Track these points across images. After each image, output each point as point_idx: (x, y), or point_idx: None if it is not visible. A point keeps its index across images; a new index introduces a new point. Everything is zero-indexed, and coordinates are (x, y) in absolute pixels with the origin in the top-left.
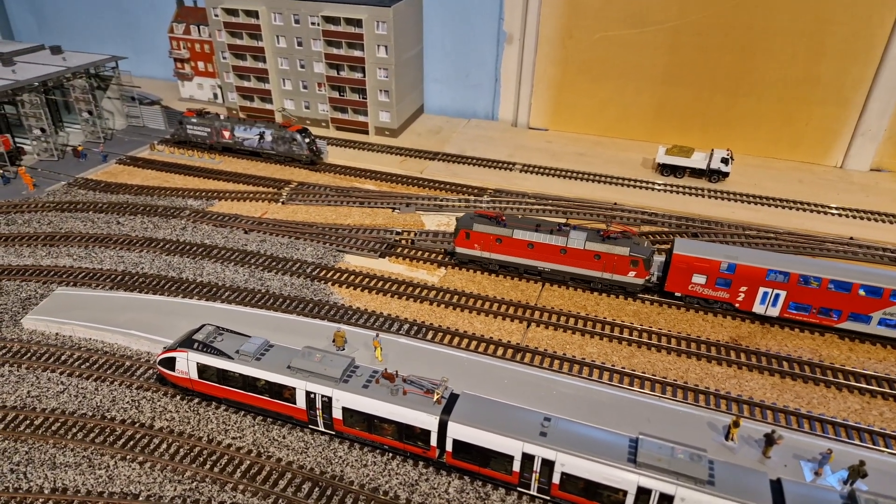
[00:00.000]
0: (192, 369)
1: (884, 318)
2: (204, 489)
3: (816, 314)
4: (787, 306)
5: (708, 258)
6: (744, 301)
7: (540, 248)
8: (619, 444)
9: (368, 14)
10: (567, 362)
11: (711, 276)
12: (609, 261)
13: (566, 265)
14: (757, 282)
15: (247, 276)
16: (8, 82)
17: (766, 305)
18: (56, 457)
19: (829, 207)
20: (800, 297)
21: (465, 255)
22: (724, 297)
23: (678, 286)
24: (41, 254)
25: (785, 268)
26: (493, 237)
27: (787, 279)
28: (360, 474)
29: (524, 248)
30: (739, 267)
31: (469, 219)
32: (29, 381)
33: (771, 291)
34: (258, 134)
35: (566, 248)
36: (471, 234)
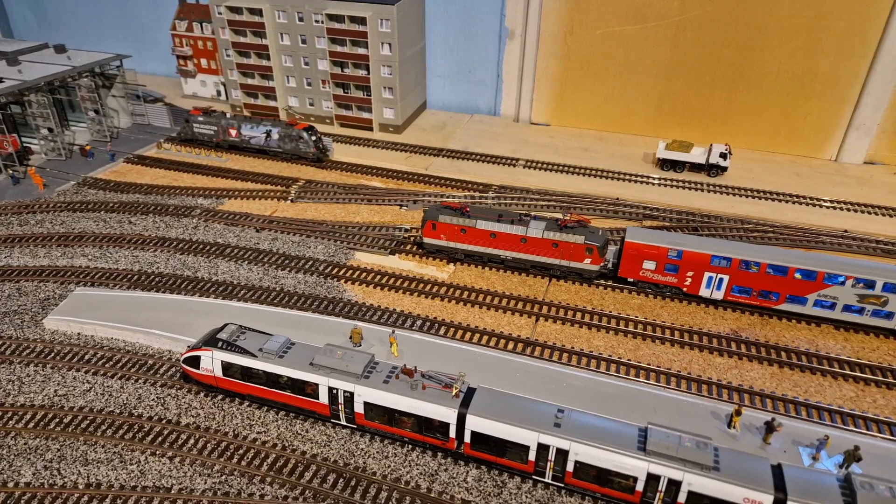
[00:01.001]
0: (217, 367)
1: (818, 300)
2: (233, 482)
3: (757, 297)
4: (731, 289)
5: (657, 245)
6: (691, 285)
7: (502, 238)
8: (629, 434)
9: (372, 12)
10: (575, 355)
11: (660, 262)
12: (566, 249)
13: (526, 253)
14: (702, 267)
15: (261, 274)
16: (15, 82)
17: (712, 289)
18: (87, 453)
19: (825, 200)
20: (742, 280)
21: (432, 245)
22: (673, 281)
23: (630, 272)
24: (56, 254)
25: (727, 253)
26: (458, 227)
27: (729, 264)
28: (381, 465)
29: (487, 237)
30: (686, 253)
31: (435, 210)
32: (55, 380)
33: (715, 276)
34: (265, 132)
35: (526, 238)
36: (437, 225)
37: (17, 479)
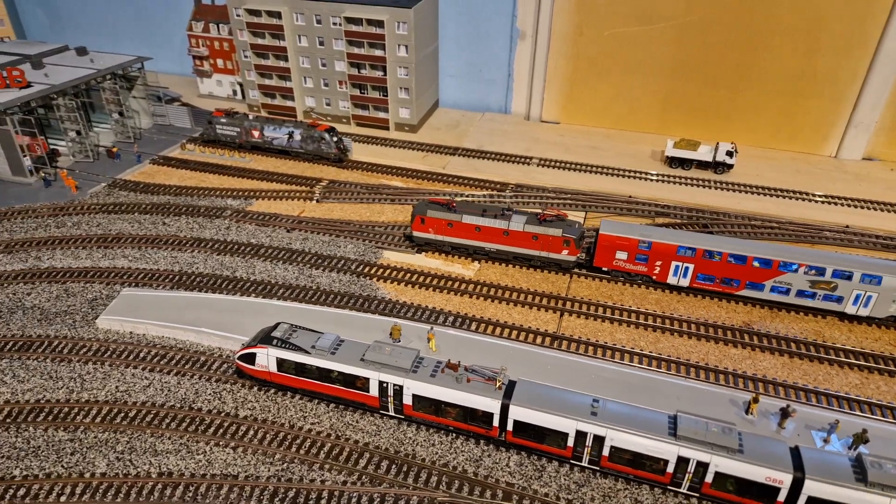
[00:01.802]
0: (272, 363)
1: (775, 286)
2: (294, 469)
3: (720, 283)
4: (696, 277)
5: (628, 237)
6: (660, 273)
7: (486, 231)
8: (660, 421)
9: (390, 15)
10: (600, 348)
11: (631, 252)
12: (545, 241)
13: (509, 245)
14: (669, 256)
15: (296, 273)
16: (45, 87)
17: (679, 277)
18: (156, 445)
19: (827, 196)
20: (705, 269)
21: (421, 239)
22: (643, 270)
23: (604, 262)
24: (97, 255)
25: (692, 244)
26: (445, 222)
27: (694, 254)
28: (429, 452)
29: (472, 231)
30: (654, 244)
31: (424, 205)
32: (114, 377)
33: (682, 265)
34: (287, 133)
35: (508, 231)
36: (425, 220)
37: (92, 469)
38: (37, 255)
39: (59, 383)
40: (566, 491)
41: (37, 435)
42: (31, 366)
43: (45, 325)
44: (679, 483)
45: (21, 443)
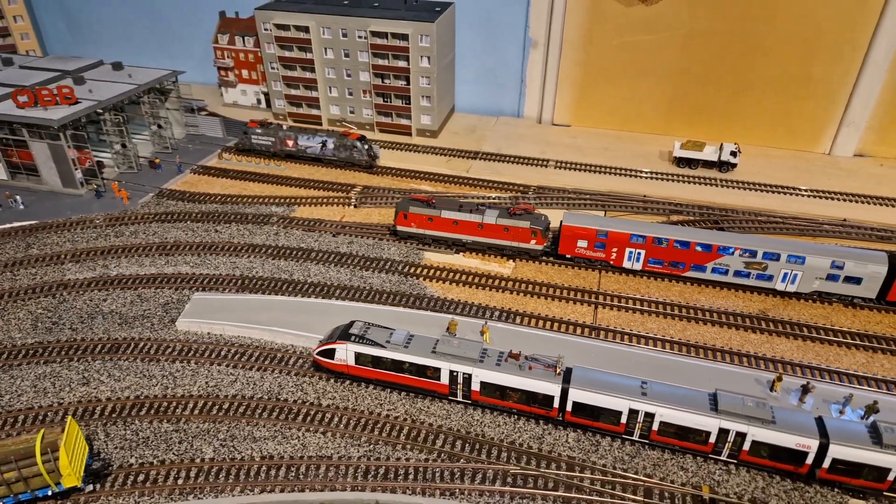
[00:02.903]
0: (350, 357)
1: (715, 267)
2: (380, 450)
3: (668, 266)
4: (647, 261)
5: (587, 227)
6: (616, 259)
7: (462, 225)
8: (701, 398)
9: (414, 28)
10: (635, 337)
11: (591, 241)
12: (515, 232)
13: (483, 237)
14: (624, 244)
15: (349, 275)
16: (93, 103)
17: (632, 262)
18: (253, 432)
19: (823, 192)
20: (655, 254)
21: (405, 233)
22: (602, 256)
23: (567, 250)
24: (161, 262)
25: (643, 232)
26: (425, 217)
27: (644, 241)
28: (497, 432)
29: (450, 224)
30: (610, 233)
31: (406, 202)
32: (202, 374)
33: (635, 251)
34: (321, 142)
35: (482, 224)
36: (408, 216)
37: (201, 455)
38: (104, 263)
39: (153, 381)
40: (620, 462)
41: (143, 427)
42: (124, 366)
43: (126, 328)
44: (720, 451)
45: (130, 434)
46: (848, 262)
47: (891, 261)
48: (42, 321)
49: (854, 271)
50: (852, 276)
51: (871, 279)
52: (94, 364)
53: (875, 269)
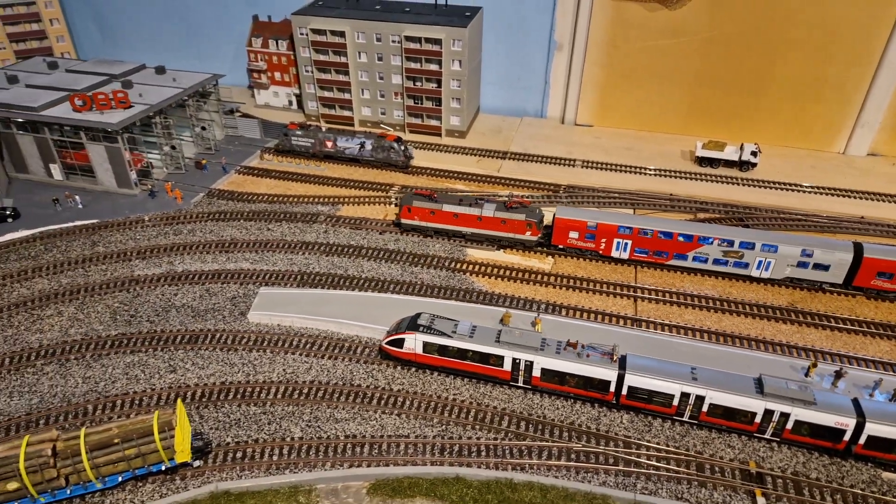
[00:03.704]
0: (419, 346)
1: (696, 256)
2: (452, 430)
3: (653, 255)
4: (634, 251)
5: (578, 219)
6: (605, 248)
7: (462, 217)
8: (747, 382)
9: (447, 33)
10: (675, 328)
11: (581, 232)
12: (511, 224)
13: (482, 229)
14: (612, 234)
15: (400, 270)
16: (145, 107)
17: (620, 251)
18: (334, 414)
19: (839, 190)
20: (640, 244)
21: (408, 225)
22: (592, 246)
23: (560, 240)
24: (222, 259)
25: (629, 224)
26: (427, 210)
27: (631, 232)
28: (557, 414)
29: (451, 217)
30: (600, 225)
31: (410, 197)
32: (279, 361)
33: (622, 241)
34: (359, 143)
35: (481, 217)
36: (411, 209)
37: (290, 434)
38: (168, 260)
39: (235, 368)
40: (672, 441)
41: (233, 410)
42: (205, 355)
43: (199, 320)
44: (764, 430)
45: (222, 416)
46: (817, 250)
47: (856, 249)
48: (120, 314)
49: (822, 259)
50: (821, 263)
51: (838, 266)
52: (177, 353)
53: (841, 256)
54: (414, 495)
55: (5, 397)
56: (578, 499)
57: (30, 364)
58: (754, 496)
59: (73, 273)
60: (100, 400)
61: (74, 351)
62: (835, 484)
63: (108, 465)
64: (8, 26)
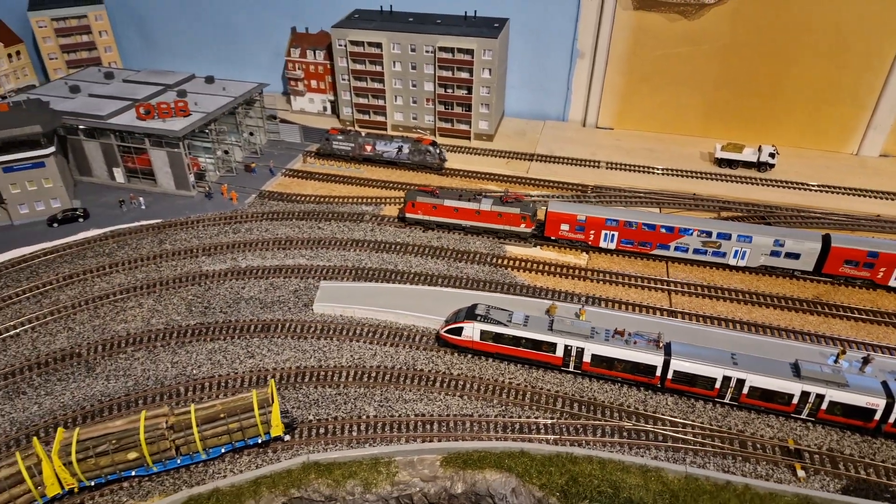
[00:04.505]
0: (476, 334)
1: (677, 246)
2: (511, 411)
3: (638, 245)
4: (620, 241)
5: (568, 213)
6: (594, 240)
7: (462, 212)
8: (784, 367)
9: (478, 44)
10: (709, 319)
11: (572, 224)
12: (507, 217)
13: (480, 222)
14: (600, 227)
15: (446, 266)
16: (203, 115)
17: (607, 242)
18: (402, 395)
19: (854, 189)
20: (626, 235)
21: (412, 219)
22: (582, 238)
23: (552, 232)
24: (280, 255)
25: (615, 217)
26: (430, 205)
27: (617, 224)
28: (606, 396)
29: (452, 211)
30: (588, 218)
31: (414, 193)
32: (346, 348)
33: (609, 233)
34: (397, 147)
35: (479, 211)
36: (415, 204)
37: (365, 413)
38: (232, 256)
39: (307, 354)
40: (715, 421)
41: (311, 391)
42: (279, 342)
43: (267, 311)
44: (801, 411)
45: (302, 397)
46: (788, 240)
47: (824, 240)
48: (195, 306)
49: (793, 248)
50: (792, 252)
51: (808, 255)
52: (252, 341)
53: (811, 245)
54: (483, 467)
55: (103, 380)
56: (633, 471)
57: (121, 351)
58: (794, 470)
59: (146, 268)
60: (189, 382)
61: (160, 339)
62: (867, 459)
63: (214, 437)
64: (61, 38)
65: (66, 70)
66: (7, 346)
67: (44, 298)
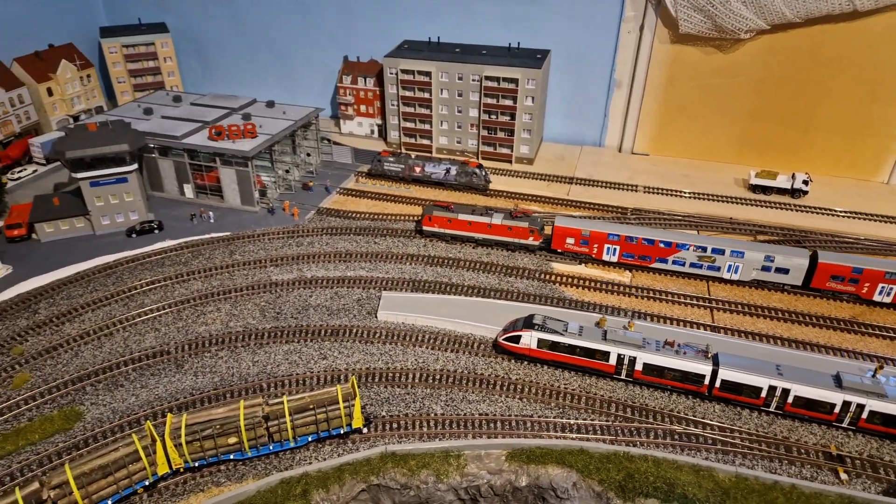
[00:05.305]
0: (533, 342)
1: (675, 260)
2: (568, 413)
3: (638, 259)
4: (622, 255)
5: (574, 227)
6: (597, 253)
7: (475, 225)
8: (826, 378)
9: (522, 74)
10: (750, 335)
11: (577, 238)
12: (517, 231)
13: (491, 235)
14: (603, 241)
15: (497, 280)
16: (268, 137)
17: (610, 255)
18: (466, 397)
19: (886, 216)
20: (627, 249)
21: (429, 232)
22: (586, 251)
23: (559, 245)
24: (342, 267)
25: (617, 231)
26: (445, 219)
27: (619, 238)
28: (656, 403)
29: (465, 225)
30: (592, 232)
31: (431, 207)
32: (410, 353)
33: (611, 246)
34: (445, 169)
35: (491, 224)
36: (432, 218)
37: (433, 411)
38: (297, 267)
39: (375, 357)
40: (761, 427)
41: (381, 391)
42: (348, 346)
43: (334, 318)
44: (842, 420)
45: (373, 395)
46: (778, 256)
47: (811, 256)
48: (267, 311)
49: (783, 263)
50: (782, 267)
51: (797, 270)
52: (324, 344)
53: (799, 261)
54: (546, 463)
55: (192, 376)
56: (686, 470)
57: (206, 350)
58: (837, 473)
59: (220, 276)
60: (270, 379)
61: (240, 340)
62: None
63: (303, 426)
64: (129, 63)
65: (132, 93)
66: (102, 343)
67: (130, 301)
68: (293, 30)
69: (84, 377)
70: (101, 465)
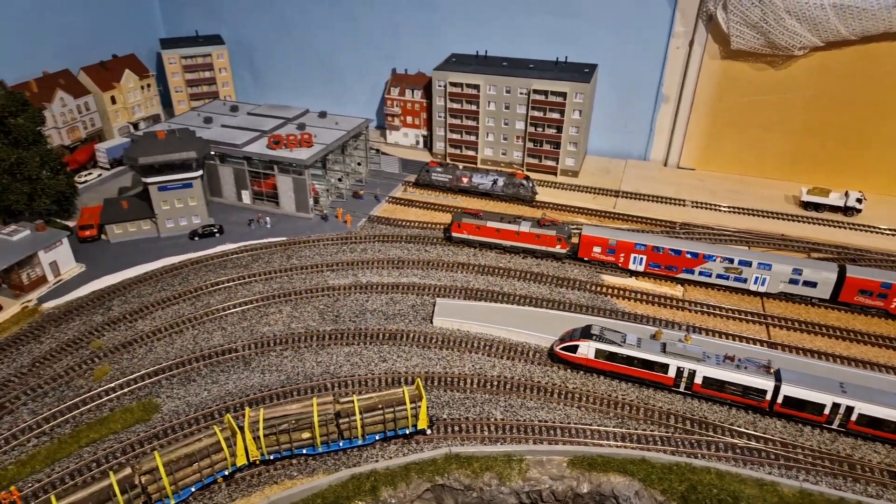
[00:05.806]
0: (591, 352)
1: (702, 271)
2: (628, 423)
3: (664, 269)
4: (648, 265)
5: (601, 236)
6: (623, 262)
7: (503, 233)
8: (892, 396)
9: (570, 88)
10: (805, 352)
11: (604, 247)
12: (544, 239)
13: (519, 242)
14: (629, 250)
15: (548, 291)
16: (323, 146)
17: (636, 265)
18: (525, 404)
19: None
20: (654, 259)
21: (458, 238)
22: (612, 260)
23: (585, 254)
24: (395, 274)
25: (644, 241)
26: (474, 226)
27: (645, 248)
28: (715, 416)
29: (494, 232)
30: (619, 242)
31: (460, 215)
32: (467, 359)
33: (638, 256)
34: (492, 180)
35: (519, 232)
36: (461, 225)
37: (493, 416)
38: (353, 273)
39: (433, 361)
40: (824, 444)
41: (441, 394)
42: (406, 350)
43: (391, 322)
44: None
45: (434, 399)
46: (806, 269)
47: (840, 270)
48: (326, 314)
49: (811, 277)
50: (809, 280)
51: (824, 283)
52: (383, 347)
53: (827, 275)
54: (607, 471)
55: (259, 373)
56: (750, 483)
57: (271, 349)
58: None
59: (280, 280)
60: (334, 379)
61: (302, 341)
62: None
63: (371, 425)
64: (187, 73)
65: (188, 102)
66: (174, 339)
67: (196, 301)
68: (341, 42)
69: (159, 371)
70: (187, 453)
